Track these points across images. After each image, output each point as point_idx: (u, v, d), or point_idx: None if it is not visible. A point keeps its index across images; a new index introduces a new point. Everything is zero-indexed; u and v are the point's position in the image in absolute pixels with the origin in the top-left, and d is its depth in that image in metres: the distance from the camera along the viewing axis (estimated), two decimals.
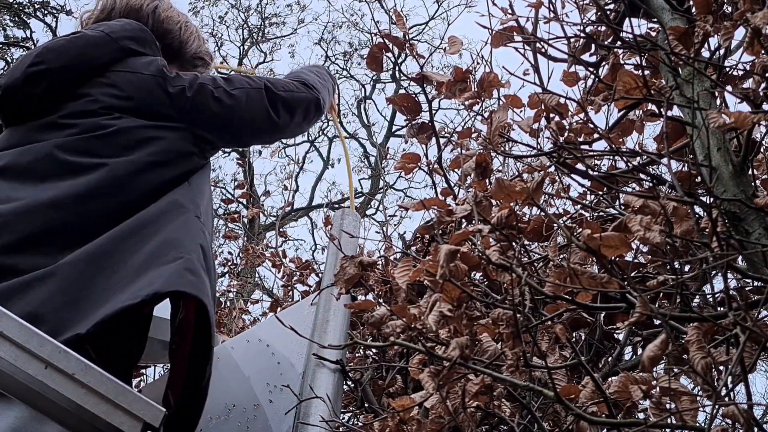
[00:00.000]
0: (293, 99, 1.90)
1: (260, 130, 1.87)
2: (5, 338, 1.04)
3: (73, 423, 1.08)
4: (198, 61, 2.01)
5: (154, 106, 1.66)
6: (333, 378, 1.89)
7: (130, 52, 1.74)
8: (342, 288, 1.92)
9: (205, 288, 1.42)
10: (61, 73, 1.66)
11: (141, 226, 1.46)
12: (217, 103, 1.74)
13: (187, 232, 1.50)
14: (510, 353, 1.46)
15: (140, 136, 1.60)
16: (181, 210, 1.54)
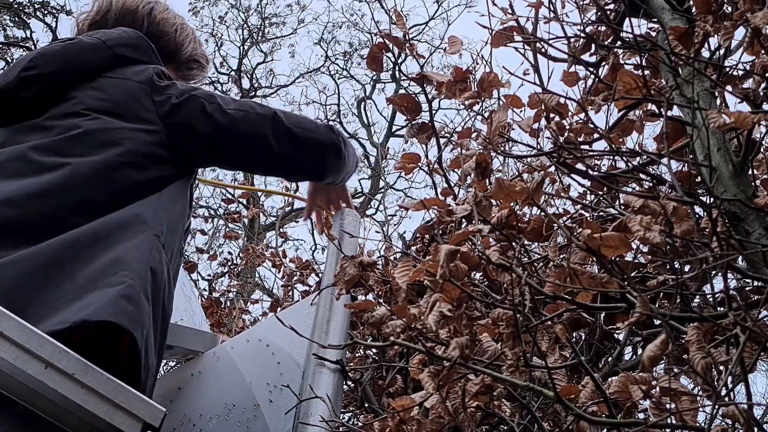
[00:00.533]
0: (303, 134, 1.80)
1: (253, 155, 1.78)
2: (5, 338, 1.04)
3: (73, 423, 1.08)
4: (193, 64, 1.99)
5: (135, 109, 1.63)
6: (333, 378, 1.89)
7: (123, 60, 1.72)
8: (342, 288, 1.92)
9: (141, 317, 1.32)
10: (53, 78, 1.65)
11: (96, 239, 1.39)
12: (206, 117, 1.68)
13: (140, 253, 1.41)
14: (510, 353, 1.46)
15: (112, 136, 1.56)
16: (141, 227, 1.46)
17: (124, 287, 1.31)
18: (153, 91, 1.67)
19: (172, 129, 1.65)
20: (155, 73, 1.72)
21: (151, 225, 1.48)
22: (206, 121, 1.68)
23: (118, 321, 1.25)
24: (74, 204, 1.43)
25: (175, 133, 1.65)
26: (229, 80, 13.23)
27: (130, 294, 1.31)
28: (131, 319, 1.29)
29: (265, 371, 2.07)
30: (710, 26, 1.81)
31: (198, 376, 2.22)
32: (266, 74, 14.15)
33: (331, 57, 14.23)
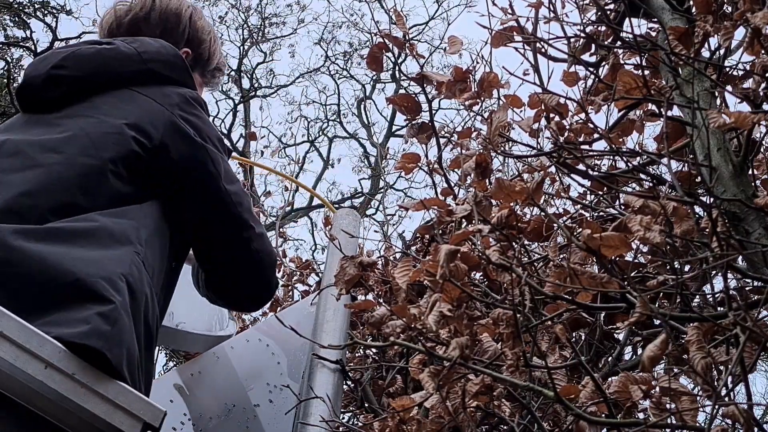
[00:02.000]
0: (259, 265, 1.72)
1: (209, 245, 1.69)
2: (5, 338, 1.04)
3: (73, 423, 1.08)
4: (217, 73, 1.98)
5: (143, 127, 1.55)
6: (333, 378, 1.89)
7: (155, 76, 1.65)
8: (342, 288, 1.93)
9: (123, 336, 1.25)
10: (82, 81, 1.60)
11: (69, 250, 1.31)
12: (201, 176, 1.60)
13: (117, 266, 1.34)
14: (510, 353, 1.46)
15: (107, 141, 1.50)
16: (122, 240, 1.40)
17: (104, 308, 1.25)
18: (172, 113, 1.60)
19: (169, 149, 1.57)
20: (184, 98, 1.64)
21: (131, 242, 1.42)
22: (198, 178, 1.60)
23: (93, 344, 1.17)
24: (53, 206, 1.37)
25: (169, 154, 1.57)
26: (229, 80, 13.23)
27: (106, 313, 1.24)
28: (106, 339, 1.21)
29: (265, 371, 2.08)
30: (710, 26, 1.81)
31: (198, 376, 2.22)
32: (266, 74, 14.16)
33: (331, 57, 14.24)
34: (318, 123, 14.14)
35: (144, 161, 1.53)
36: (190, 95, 1.67)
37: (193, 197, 1.62)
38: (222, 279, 1.75)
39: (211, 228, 1.66)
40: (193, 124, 1.62)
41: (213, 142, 1.65)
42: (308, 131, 14.01)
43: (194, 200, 1.62)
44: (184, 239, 1.66)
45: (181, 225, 1.63)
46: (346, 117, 14.07)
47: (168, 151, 1.57)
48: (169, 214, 1.59)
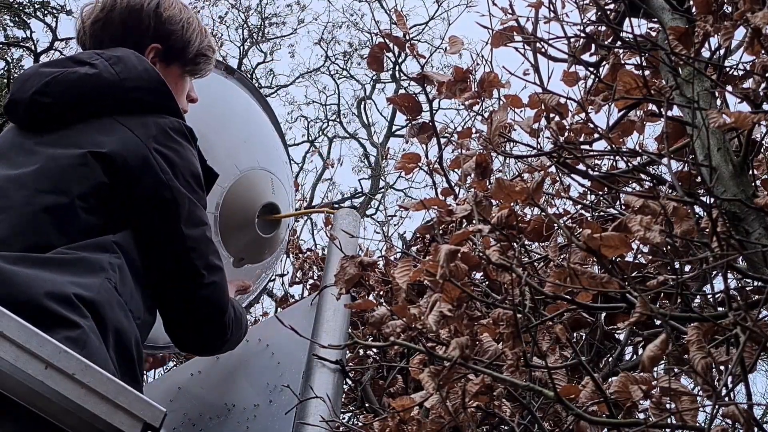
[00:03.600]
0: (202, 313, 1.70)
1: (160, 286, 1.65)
2: (5, 338, 1.04)
3: (73, 423, 1.08)
4: (200, 59, 1.91)
5: (118, 160, 1.53)
6: (333, 378, 1.89)
7: (136, 104, 1.63)
8: (342, 288, 1.92)
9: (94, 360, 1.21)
10: (64, 109, 1.59)
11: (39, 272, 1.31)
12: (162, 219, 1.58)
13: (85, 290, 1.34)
14: (510, 353, 1.46)
15: (79, 175, 1.48)
16: (93, 269, 1.40)
17: (73, 332, 1.25)
18: (147, 147, 1.57)
19: (134, 184, 1.55)
20: (163, 131, 1.61)
21: (104, 270, 1.41)
22: (158, 215, 1.58)
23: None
24: (28, 247, 1.37)
25: (133, 191, 1.55)
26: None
27: (76, 337, 1.25)
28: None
29: (265, 371, 2.07)
30: (710, 26, 1.81)
31: (198, 376, 2.22)
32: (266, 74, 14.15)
33: (331, 57, 14.23)
34: (318, 123, 14.14)
35: (113, 191, 1.51)
36: (170, 126, 1.63)
37: (152, 235, 1.59)
38: (169, 321, 1.71)
39: (163, 269, 1.63)
40: (168, 158, 1.59)
41: (184, 180, 1.62)
42: (308, 131, 14.02)
43: (152, 237, 1.59)
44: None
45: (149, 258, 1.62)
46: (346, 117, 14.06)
47: (135, 184, 1.54)
48: (143, 244, 1.57)
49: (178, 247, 1.61)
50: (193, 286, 1.65)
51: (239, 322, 1.84)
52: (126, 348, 1.40)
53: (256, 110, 2.45)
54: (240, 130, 2.35)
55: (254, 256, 2.33)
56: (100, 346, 1.30)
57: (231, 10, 13.40)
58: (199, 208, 1.67)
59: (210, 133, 2.12)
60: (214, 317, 1.71)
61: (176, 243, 1.61)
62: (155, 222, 1.59)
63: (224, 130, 2.27)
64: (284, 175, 2.37)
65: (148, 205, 1.57)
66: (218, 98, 2.31)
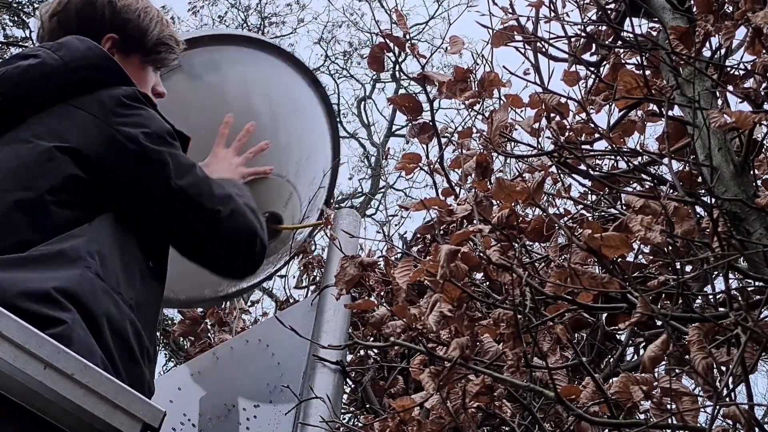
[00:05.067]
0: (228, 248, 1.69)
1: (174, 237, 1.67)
2: (4, 338, 1.03)
3: (72, 423, 1.07)
4: (161, 47, 1.87)
5: (82, 143, 1.52)
6: (333, 378, 1.89)
7: (86, 83, 1.61)
8: (342, 288, 1.92)
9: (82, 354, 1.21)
10: (17, 104, 1.59)
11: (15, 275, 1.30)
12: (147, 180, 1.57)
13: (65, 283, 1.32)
14: (511, 354, 1.46)
15: (46, 170, 1.47)
16: (66, 261, 1.37)
17: (57, 328, 1.24)
18: (108, 124, 1.56)
19: (111, 167, 1.55)
20: (119, 102, 1.60)
21: (81, 258, 1.40)
22: (145, 186, 1.58)
23: None
24: (5, 247, 1.35)
25: (112, 170, 1.55)
26: None
27: (61, 333, 1.23)
28: None
29: (265, 371, 2.07)
30: (711, 26, 1.81)
31: (198, 376, 2.22)
32: None
33: (330, 57, 14.23)
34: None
35: (86, 182, 1.51)
36: (125, 95, 1.62)
37: (147, 203, 1.59)
38: (209, 264, 1.74)
39: (177, 226, 1.64)
40: (133, 124, 1.58)
41: (158, 138, 1.61)
42: None
43: (150, 206, 1.59)
44: (157, 239, 1.64)
45: (148, 228, 1.61)
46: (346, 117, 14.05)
47: (109, 167, 1.53)
48: (130, 220, 1.57)
49: (183, 202, 1.61)
50: (217, 224, 1.65)
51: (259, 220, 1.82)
52: (119, 333, 1.39)
53: (323, 131, 2.43)
54: (299, 142, 2.36)
55: None
56: (87, 338, 1.29)
57: (231, 9, 13.40)
58: (181, 155, 1.66)
59: (278, 127, 2.22)
60: (251, 239, 1.72)
61: (178, 199, 1.60)
62: (144, 193, 1.58)
63: (289, 131, 2.30)
64: (306, 197, 2.37)
65: (132, 180, 1.56)
66: (301, 105, 2.33)
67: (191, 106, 2.19)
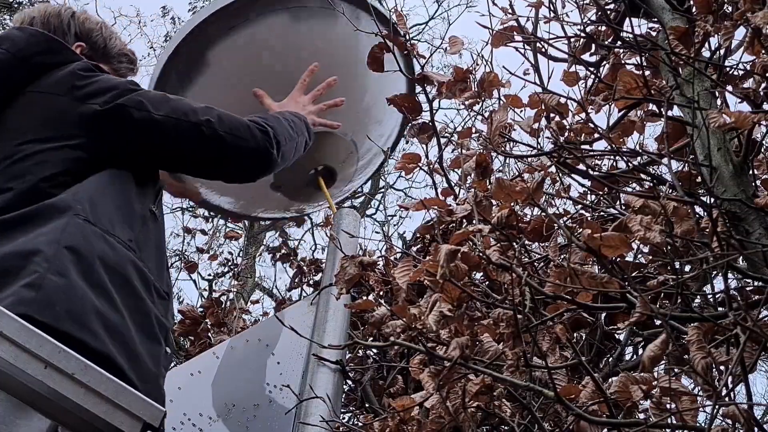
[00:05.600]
0: (234, 142, 1.76)
1: (180, 159, 1.76)
2: (5, 338, 1.03)
3: (73, 423, 1.07)
4: (123, 58, 1.98)
5: (56, 126, 1.61)
6: (333, 378, 1.89)
7: (39, 67, 1.68)
8: (342, 288, 1.92)
9: (51, 298, 1.30)
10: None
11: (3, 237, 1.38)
12: (132, 126, 1.65)
13: (51, 237, 1.39)
14: (510, 353, 1.46)
15: (31, 162, 1.54)
16: (54, 215, 1.44)
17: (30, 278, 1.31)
18: (75, 100, 1.64)
19: (97, 136, 1.63)
20: (75, 75, 1.68)
21: (70, 207, 1.46)
22: (132, 130, 1.66)
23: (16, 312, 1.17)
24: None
25: (100, 138, 1.63)
26: None
27: (31, 282, 1.31)
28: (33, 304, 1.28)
29: (265, 371, 2.07)
30: (710, 26, 1.81)
31: (198, 376, 2.22)
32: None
33: None
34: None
35: (74, 159, 1.58)
36: (79, 68, 1.69)
37: (142, 143, 1.67)
38: (222, 175, 1.85)
39: (176, 153, 1.73)
40: (96, 90, 1.66)
41: (125, 88, 1.68)
42: None
43: (145, 144, 1.68)
44: (156, 184, 1.72)
45: (148, 173, 1.70)
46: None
47: (93, 133, 1.61)
48: (128, 169, 1.64)
49: (173, 128, 1.68)
50: (212, 131, 1.72)
51: (276, 121, 1.90)
52: (117, 271, 1.45)
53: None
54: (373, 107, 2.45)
55: (289, 194, 2.52)
56: (64, 282, 1.34)
57: None
58: (151, 92, 1.74)
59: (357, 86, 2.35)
60: (245, 134, 1.78)
61: (167, 127, 1.68)
62: (136, 134, 1.65)
63: (366, 94, 2.42)
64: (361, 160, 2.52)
65: (119, 132, 1.64)
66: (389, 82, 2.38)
67: (287, 46, 2.34)
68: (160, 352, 1.52)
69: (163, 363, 1.55)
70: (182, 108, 1.73)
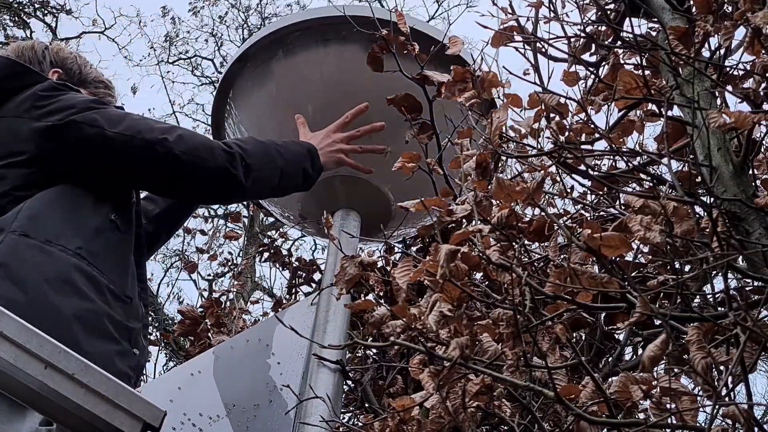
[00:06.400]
0: (191, 161, 1.74)
1: (136, 178, 1.77)
2: (5, 338, 1.04)
3: (73, 423, 1.08)
4: (100, 84, 2.02)
5: (13, 145, 1.65)
6: (333, 378, 1.89)
7: (8, 93, 1.73)
8: (342, 288, 1.92)
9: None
10: None
11: None
12: (85, 143, 1.68)
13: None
14: (510, 353, 1.46)
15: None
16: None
17: None
18: (32, 118, 1.67)
19: (49, 152, 1.66)
20: (35, 96, 1.71)
21: (7, 225, 1.50)
22: (84, 148, 1.67)
23: None
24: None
25: (53, 154, 1.66)
26: None
27: None
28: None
29: (265, 371, 2.08)
30: (710, 26, 1.81)
31: (198, 376, 2.23)
32: None
33: None
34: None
35: (39, 177, 1.62)
36: (41, 89, 1.72)
37: (97, 161, 1.68)
38: (180, 196, 1.89)
39: (130, 173, 1.73)
40: (56, 109, 1.68)
41: (81, 109, 1.69)
42: None
43: (99, 162, 1.69)
44: (118, 194, 1.73)
45: (108, 185, 1.71)
46: None
47: (50, 150, 1.65)
48: (86, 183, 1.67)
49: (125, 145, 1.68)
50: (169, 150, 1.70)
51: (256, 145, 1.88)
52: (57, 276, 1.49)
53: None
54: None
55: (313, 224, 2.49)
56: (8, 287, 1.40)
57: (231, 10, 13.38)
58: (112, 111, 1.74)
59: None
60: (206, 154, 1.75)
61: (120, 144, 1.68)
62: (90, 151, 1.67)
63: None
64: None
65: (73, 149, 1.66)
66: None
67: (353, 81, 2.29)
68: (115, 351, 1.54)
69: (128, 362, 1.56)
70: (138, 126, 1.72)
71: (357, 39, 2.25)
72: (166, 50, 12.64)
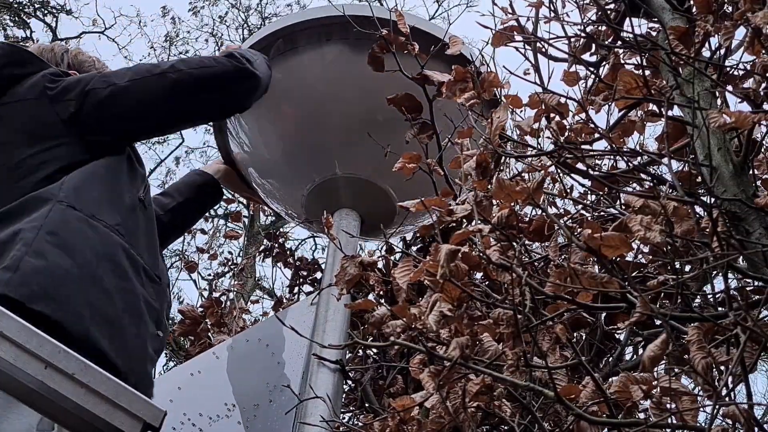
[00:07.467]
0: (202, 73, 1.85)
1: (166, 112, 1.86)
2: (5, 338, 1.04)
3: (73, 423, 1.08)
4: None
5: (40, 131, 1.69)
6: (333, 378, 1.89)
7: (11, 79, 1.77)
8: (342, 288, 1.92)
9: (28, 278, 1.39)
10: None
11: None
12: (108, 104, 1.75)
13: (34, 223, 1.48)
14: (510, 353, 1.46)
15: (25, 170, 1.63)
16: (39, 205, 1.53)
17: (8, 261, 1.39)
18: (50, 102, 1.72)
19: (81, 131, 1.71)
20: (46, 81, 1.76)
21: (54, 196, 1.54)
22: (108, 107, 1.75)
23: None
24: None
25: (85, 132, 1.72)
26: None
27: (9, 264, 1.38)
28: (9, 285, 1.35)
29: (265, 371, 2.08)
30: (711, 26, 1.81)
31: (198, 376, 2.23)
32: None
33: None
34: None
35: (66, 155, 1.67)
36: (48, 73, 1.78)
37: (125, 124, 1.78)
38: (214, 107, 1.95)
39: (160, 110, 1.82)
40: (66, 87, 1.75)
41: (88, 79, 1.78)
42: None
43: (130, 124, 1.79)
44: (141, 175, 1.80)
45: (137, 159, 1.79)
46: None
47: (84, 135, 1.71)
48: (117, 159, 1.73)
49: (140, 89, 1.79)
50: (178, 78, 1.81)
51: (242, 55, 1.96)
52: (101, 253, 1.52)
53: None
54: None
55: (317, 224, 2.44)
56: (43, 264, 1.41)
57: (231, 10, 13.38)
58: (113, 71, 1.85)
59: None
60: (212, 64, 1.88)
61: (136, 89, 1.78)
62: (111, 108, 1.75)
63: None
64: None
65: (101, 121, 1.74)
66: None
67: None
68: (148, 334, 1.56)
69: (153, 345, 1.58)
70: (143, 69, 1.83)
71: (357, 38, 2.25)
72: (166, 50, 12.65)
